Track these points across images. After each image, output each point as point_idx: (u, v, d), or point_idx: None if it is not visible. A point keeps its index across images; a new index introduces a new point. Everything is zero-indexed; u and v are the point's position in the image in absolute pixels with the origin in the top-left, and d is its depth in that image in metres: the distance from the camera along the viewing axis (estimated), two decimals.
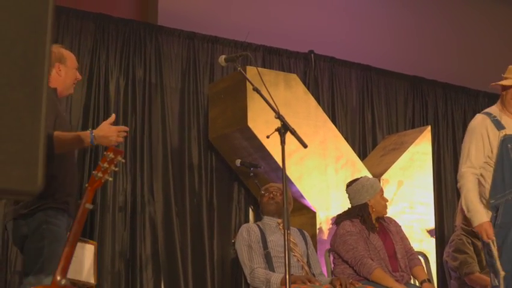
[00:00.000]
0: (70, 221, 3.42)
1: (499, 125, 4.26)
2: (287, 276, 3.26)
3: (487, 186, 4.27)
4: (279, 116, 3.52)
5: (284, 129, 3.50)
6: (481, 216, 4.19)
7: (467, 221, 5.40)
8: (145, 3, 6.72)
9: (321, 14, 7.42)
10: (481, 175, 4.30)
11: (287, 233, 3.33)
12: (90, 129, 3.45)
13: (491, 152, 4.26)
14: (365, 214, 4.76)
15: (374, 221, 4.80)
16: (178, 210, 6.06)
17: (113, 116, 3.56)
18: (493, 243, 4.18)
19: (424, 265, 5.03)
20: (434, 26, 8.22)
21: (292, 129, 3.50)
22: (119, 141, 3.46)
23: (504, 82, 4.38)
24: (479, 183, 4.30)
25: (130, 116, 6.02)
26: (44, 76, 1.48)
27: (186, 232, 6.03)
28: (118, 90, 6.02)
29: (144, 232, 5.88)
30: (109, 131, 3.41)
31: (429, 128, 6.75)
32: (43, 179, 1.44)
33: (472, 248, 5.30)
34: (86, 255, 4.26)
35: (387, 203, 4.95)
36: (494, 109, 4.42)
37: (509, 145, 4.19)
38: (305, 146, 3.49)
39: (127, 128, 3.57)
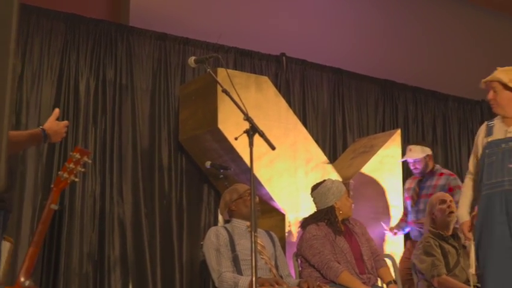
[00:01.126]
0: (6, 217, 3.31)
1: (488, 132, 4.29)
2: (254, 279, 3.26)
3: None
4: (247, 118, 3.53)
5: (252, 131, 3.50)
6: (462, 216, 4.41)
7: (435, 224, 5.46)
8: (116, 4, 6.69)
9: (293, 16, 7.44)
10: None
11: (254, 236, 3.33)
12: (41, 127, 3.38)
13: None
14: (332, 217, 4.76)
15: (340, 224, 4.81)
16: (147, 211, 6.04)
17: (57, 110, 3.51)
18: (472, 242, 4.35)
19: (391, 267, 5.05)
20: (405, 30, 8.29)
21: (261, 131, 3.50)
22: (63, 136, 3.47)
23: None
24: None
25: (100, 117, 5.99)
26: (8, 75, 1.46)
27: (155, 234, 6.01)
28: (88, 91, 5.98)
29: (113, 233, 5.85)
30: (58, 127, 3.41)
31: (399, 131, 6.79)
32: (6, 178, 1.43)
33: (439, 251, 5.33)
34: None
35: (352, 204, 4.96)
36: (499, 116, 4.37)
37: (486, 151, 4.22)
38: (273, 148, 3.49)
39: (68, 123, 3.57)
